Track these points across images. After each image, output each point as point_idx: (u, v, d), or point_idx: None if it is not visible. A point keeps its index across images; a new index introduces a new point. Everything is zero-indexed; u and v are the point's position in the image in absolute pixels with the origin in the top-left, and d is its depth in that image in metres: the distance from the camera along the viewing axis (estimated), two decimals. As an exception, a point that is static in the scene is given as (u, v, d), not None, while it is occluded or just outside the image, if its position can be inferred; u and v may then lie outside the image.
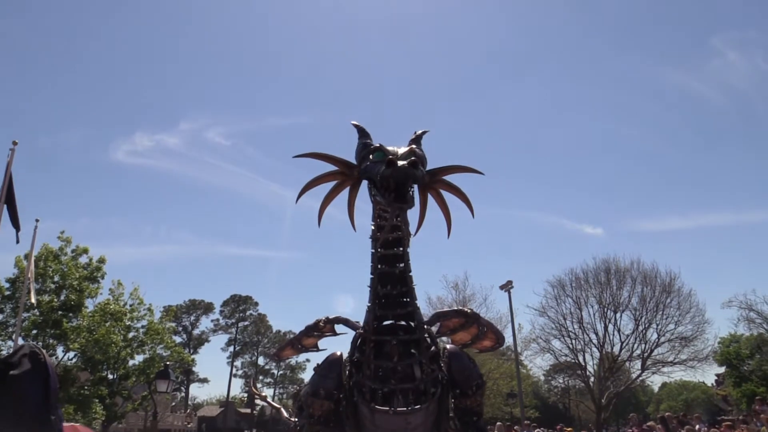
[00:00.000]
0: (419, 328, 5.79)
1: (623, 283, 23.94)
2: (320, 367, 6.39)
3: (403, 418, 5.58)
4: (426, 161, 5.60)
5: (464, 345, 7.13)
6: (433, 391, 5.68)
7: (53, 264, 30.41)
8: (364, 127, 5.84)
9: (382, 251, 5.74)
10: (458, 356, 6.53)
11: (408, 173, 4.57)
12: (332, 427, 6.11)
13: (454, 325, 7.06)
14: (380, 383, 5.67)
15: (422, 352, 5.73)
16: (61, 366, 30.46)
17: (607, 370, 22.98)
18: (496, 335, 7.17)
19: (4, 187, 13.65)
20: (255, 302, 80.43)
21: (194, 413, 68.01)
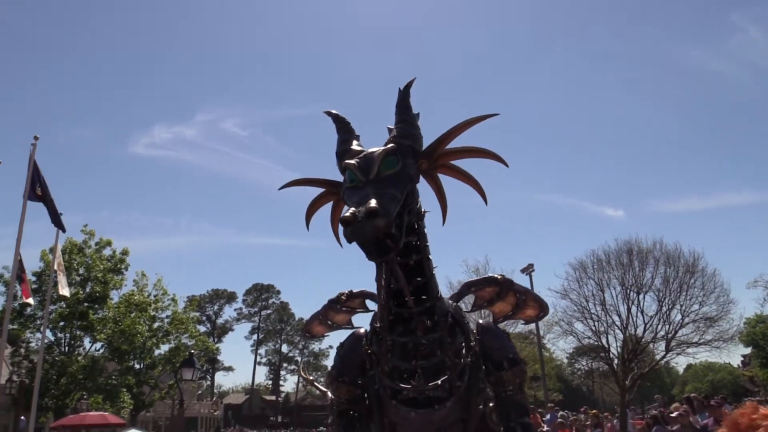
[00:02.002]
0: (440, 325, 5.26)
1: (646, 264, 23.64)
2: (342, 350, 6.18)
3: (428, 415, 5.39)
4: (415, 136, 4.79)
5: (506, 317, 6.68)
6: (459, 384, 5.38)
7: (78, 257, 30.94)
8: (338, 114, 5.21)
9: None
10: (490, 330, 6.22)
11: (367, 234, 3.86)
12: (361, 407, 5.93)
13: (489, 296, 6.56)
14: (399, 384, 5.34)
15: (445, 348, 5.28)
16: (88, 357, 31.07)
17: (631, 352, 22.78)
18: (537, 303, 6.66)
19: (28, 182, 13.85)
20: (277, 290, 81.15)
21: (220, 401, 68.90)
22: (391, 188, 4.16)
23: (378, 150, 4.43)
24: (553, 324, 27.55)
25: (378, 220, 3.82)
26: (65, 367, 29.19)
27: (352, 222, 3.81)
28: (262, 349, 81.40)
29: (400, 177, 4.34)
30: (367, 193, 4.08)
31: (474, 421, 5.85)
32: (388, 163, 4.35)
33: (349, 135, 4.99)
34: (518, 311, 6.57)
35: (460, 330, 5.54)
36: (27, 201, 13.75)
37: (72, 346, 31.46)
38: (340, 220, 3.91)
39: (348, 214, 3.86)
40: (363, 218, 3.82)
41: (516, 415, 5.71)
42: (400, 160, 4.43)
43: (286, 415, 73.26)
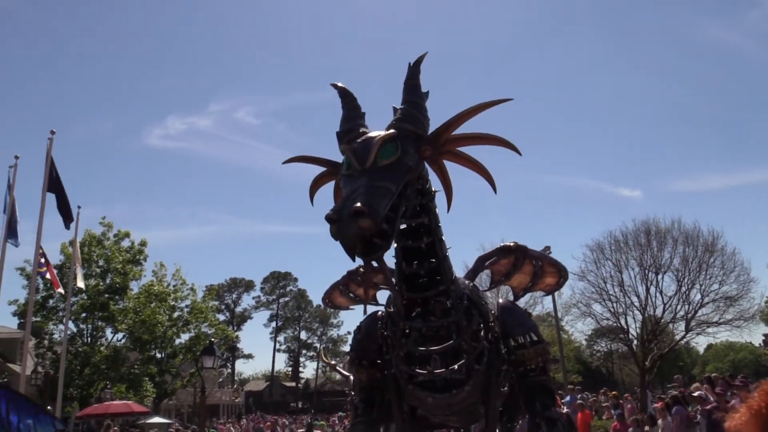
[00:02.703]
0: (456, 308, 5.10)
1: (664, 244, 23.41)
2: (360, 334, 6.10)
3: (447, 399, 5.29)
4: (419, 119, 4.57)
5: (526, 290, 6.59)
6: (477, 368, 5.25)
7: (97, 249, 31.31)
8: (345, 88, 4.96)
9: (403, 220, 4.80)
10: (510, 309, 6.06)
11: (350, 235, 3.69)
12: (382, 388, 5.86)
13: (505, 269, 6.45)
14: (414, 369, 5.25)
15: (461, 332, 5.13)
16: (111, 347, 31.55)
17: (650, 333, 22.65)
18: (555, 267, 6.50)
19: (46, 176, 14.00)
20: (294, 278, 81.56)
21: (241, 388, 69.75)
22: (386, 180, 3.98)
23: (377, 136, 4.24)
24: (571, 306, 27.49)
25: (363, 221, 3.64)
26: (88, 357, 29.66)
27: (337, 220, 3.68)
28: (281, 337, 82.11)
29: (397, 167, 4.13)
30: (360, 185, 3.91)
31: (495, 403, 5.78)
32: (386, 151, 4.15)
33: (353, 113, 4.80)
34: (537, 281, 6.45)
35: (477, 312, 5.37)
36: (46, 195, 13.91)
37: (94, 337, 31.95)
38: (325, 217, 3.76)
39: (332, 212, 3.73)
40: (347, 217, 3.65)
41: (542, 405, 5.54)
42: (399, 147, 4.23)
43: (306, 401, 73.95)
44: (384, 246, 3.93)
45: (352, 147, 4.21)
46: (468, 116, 4.51)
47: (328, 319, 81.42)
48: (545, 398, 5.65)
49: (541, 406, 5.54)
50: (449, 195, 4.78)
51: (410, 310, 5.15)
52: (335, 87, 4.98)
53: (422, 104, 4.66)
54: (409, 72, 4.72)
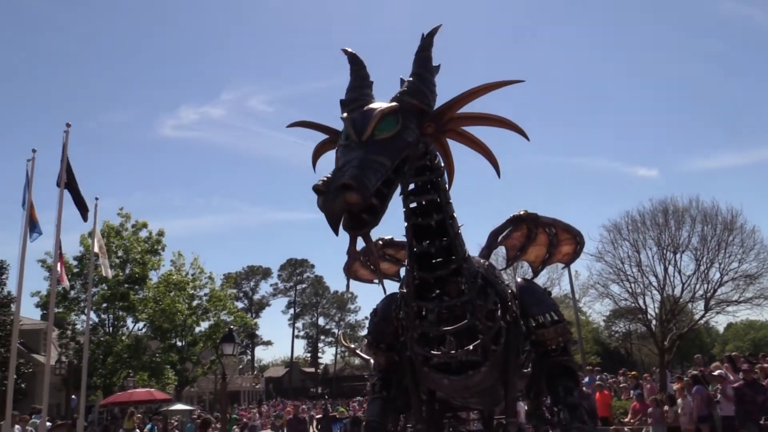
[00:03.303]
0: (469, 287, 4.97)
1: (682, 223, 23.13)
2: (376, 317, 6.07)
3: (464, 381, 5.20)
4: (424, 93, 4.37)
5: (544, 263, 6.49)
6: (494, 348, 5.12)
7: (116, 239, 31.67)
8: (356, 55, 4.79)
9: (412, 198, 4.78)
10: (529, 288, 5.96)
11: (335, 208, 3.57)
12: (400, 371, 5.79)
13: (519, 242, 6.36)
14: (429, 350, 5.15)
15: (475, 311, 5.00)
16: (132, 336, 32.01)
17: (669, 313, 22.47)
18: (570, 232, 6.34)
19: (63, 168, 14.14)
20: (311, 265, 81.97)
21: (261, 374, 70.42)
22: (382, 155, 3.84)
23: (378, 107, 4.09)
24: (589, 287, 27.38)
25: (350, 195, 3.53)
26: (110, 346, 30.13)
27: (324, 192, 3.59)
28: (299, 323, 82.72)
29: (394, 142, 3.99)
30: (354, 158, 3.78)
31: (515, 384, 5.69)
32: (385, 124, 4.01)
33: (360, 82, 4.65)
34: (554, 251, 6.37)
35: (492, 291, 5.24)
36: (63, 188, 14.05)
37: (116, 327, 32.42)
38: (312, 188, 3.66)
39: (320, 183, 3.63)
40: (335, 190, 3.56)
41: (564, 389, 5.47)
42: (400, 121, 4.07)
43: (325, 386, 74.57)
44: (372, 222, 3.81)
45: (352, 117, 4.08)
46: (475, 95, 4.38)
47: (346, 305, 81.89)
48: (567, 380, 5.58)
49: (564, 390, 5.48)
50: (451, 174, 4.65)
51: (423, 290, 5.05)
52: (345, 52, 4.84)
53: (431, 78, 4.52)
54: (422, 43, 4.58)
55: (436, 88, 4.51)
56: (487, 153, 4.55)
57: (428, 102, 4.38)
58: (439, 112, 4.40)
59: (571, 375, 5.74)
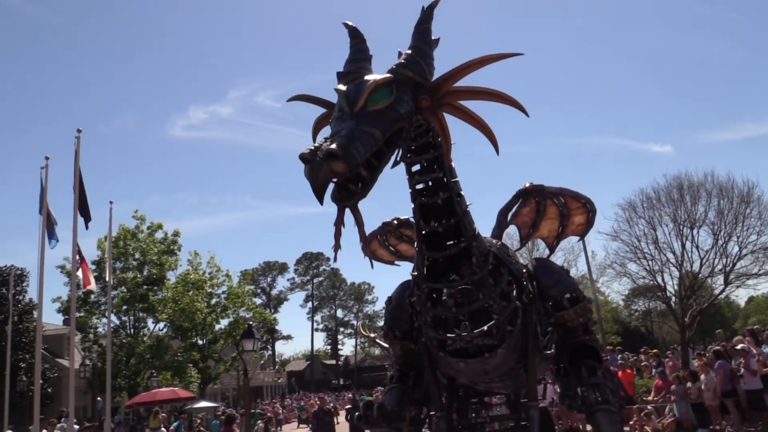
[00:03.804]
0: (479, 265, 4.84)
1: (698, 198, 22.85)
2: (391, 304, 5.97)
3: (480, 364, 5.07)
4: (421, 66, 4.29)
5: (558, 236, 6.33)
6: (510, 329, 5.01)
7: (132, 242, 31.90)
8: (356, 29, 4.71)
9: (417, 178, 4.73)
10: (545, 268, 5.81)
11: (320, 176, 3.54)
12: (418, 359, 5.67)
13: (530, 219, 6.21)
14: (443, 333, 5.03)
15: (488, 291, 4.87)
16: (153, 336, 32.32)
17: (688, 289, 22.27)
18: (579, 200, 6.12)
19: (77, 174, 14.24)
20: (327, 258, 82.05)
21: (283, 369, 71.00)
22: (373, 126, 3.78)
23: (371, 79, 4.03)
24: (606, 267, 27.22)
25: (336, 164, 3.48)
26: (133, 348, 30.44)
27: (310, 161, 3.55)
28: (318, 316, 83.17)
29: (387, 114, 3.93)
30: (344, 128, 3.72)
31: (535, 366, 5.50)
32: (378, 95, 3.95)
33: (359, 55, 4.58)
34: (567, 223, 6.19)
35: (506, 271, 5.11)
36: (78, 193, 14.16)
37: (137, 328, 32.73)
38: (299, 156, 3.60)
39: (307, 151, 3.58)
40: (320, 159, 3.51)
41: (587, 370, 5.34)
42: (393, 93, 4.02)
43: (347, 378, 75.00)
44: (359, 193, 3.76)
45: (345, 88, 4.02)
46: (472, 68, 4.27)
47: (363, 296, 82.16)
48: (590, 360, 5.45)
49: (587, 370, 5.34)
50: (448, 151, 4.51)
51: (434, 273, 4.96)
52: (346, 26, 4.76)
53: (429, 52, 4.44)
54: (421, 16, 4.51)
55: (434, 62, 4.43)
56: (485, 129, 4.42)
57: (425, 75, 4.31)
58: (436, 85, 4.32)
59: (594, 354, 5.62)
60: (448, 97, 4.33)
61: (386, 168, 4.03)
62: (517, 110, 4.34)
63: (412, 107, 4.14)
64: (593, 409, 5.12)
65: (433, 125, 4.40)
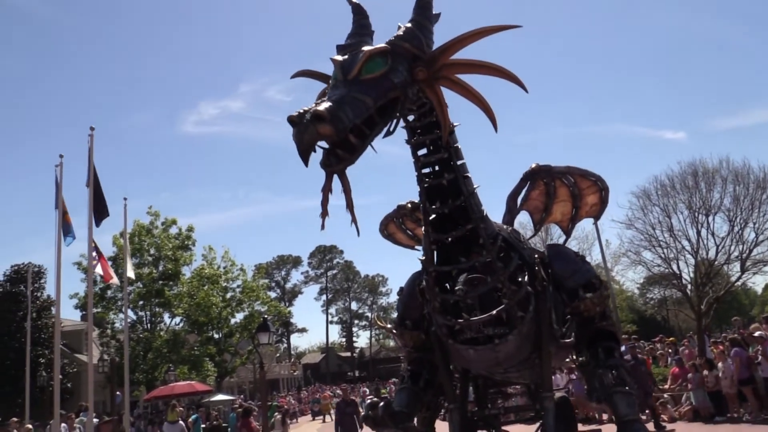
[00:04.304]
0: (487, 247, 4.75)
1: (713, 185, 22.61)
2: (403, 294, 5.90)
3: (490, 351, 4.93)
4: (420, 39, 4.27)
5: (573, 219, 6.12)
6: (521, 315, 4.89)
7: (147, 238, 32.16)
8: (360, 5, 4.70)
9: (422, 160, 4.71)
10: (560, 255, 5.60)
11: (305, 139, 3.56)
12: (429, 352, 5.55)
13: (541, 202, 6.04)
14: (451, 319, 4.92)
15: (496, 273, 4.77)
16: (170, 331, 32.63)
17: (704, 276, 22.08)
18: (589, 178, 5.89)
19: (91, 171, 14.37)
20: (340, 251, 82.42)
21: (298, 361, 71.32)
22: (364, 94, 3.79)
23: (367, 49, 4.04)
24: (621, 255, 27.01)
25: (323, 127, 3.49)
26: (150, 342, 30.75)
27: (297, 123, 3.57)
28: (332, 309, 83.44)
29: (380, 82, 3.94)
30: (334, 94, 3.73)
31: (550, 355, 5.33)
32: (372, 65, 3.96)
33: (361, 30, 4.57)
34: (580, 204, 5.97)
35: (517, 255, 5.03)
36: (92, 190, 14.29)
37: (153, 323, 33.07)
38: (287, 118, 3.62)
39: (295, 113, 3.60)
40: (307, 121, 3.52)
41: (605, 351, 5.27)
42: (388, 63, 4.03)
43: (362, 370, 75.30)
44: (347, 159, 3.76)
45: (341, 59, 4.04)
46: (469, 40, 4.25)
47: (377, 288, 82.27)
48: (608, 342, 5.36)
49: (604, 352, 5.25)
50: (445, 127, 4.45)
51: (441, 257, 4.90)
52: (350, 2, 4.74)
53: (428, 26, 4.43)
54: None
55: (433, 37, 4.42)
56: (483, 105, 4.37)
57: (422, 47, 4.28)
58: (432, 57, 4.29)
59: (613, 337, 5.53)
60: (445, 70, 4.30)
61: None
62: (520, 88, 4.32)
63: (407, 78, 4.13)
64: (610, 390, 5.06)
65: (431, 99, 4.36)
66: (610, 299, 5.97)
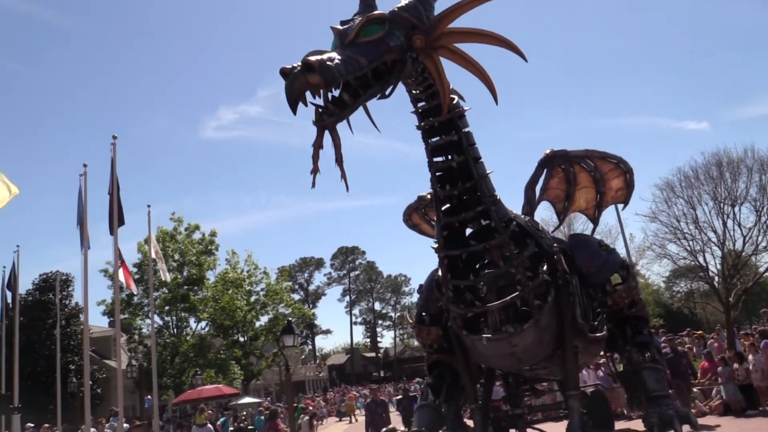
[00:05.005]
0: (499, 230, 4.65)
1: (738, 175, 22.31)
2: (423, 289, 5.82)
3: (505, 343, 4.76)
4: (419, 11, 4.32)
5: (598, 205, 5.90)
6: (538, 303, 4.71)
7: (171, 243, 32.53)
8: None
9: (432, 143, 4.70)
10: (583, 245, 5.43)
11: (294, 88, 3.66)
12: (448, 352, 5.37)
13: (562, 191, 5.86)
14: (463, 306, 4.81)
15: (510, 256, 4.66)
16: (196, 335, 32.96)
17: (732, 268, 21.80)
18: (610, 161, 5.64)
19: (114, 180, 14.58)
20: (362, 251, 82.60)
21: (323, 363, 71.60)
22: (360, 54, 3.89)
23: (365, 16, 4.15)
24: (645, 249, 26.78)
25: (312, 76, 3.59)
26: (176, 347, 31.11)
27: (288, 74, 3.66)
28: (356, 309, 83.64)
29: (375, 45, 4.02)
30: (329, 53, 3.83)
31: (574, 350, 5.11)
32: (369, 29, 4.06)
33: (365, 9, 4.57)
34: (604, 189, 5.72)
35: (533, 243, 4.90)
36: (117, 198, 14.49)
37: (180, 328, 33.43)
38: (279, 70, 3.72)
39: (288, 66, 3.68)
40: (297, 71, 3.62)
41: (632, 329, 5.17)
42: (386, 27, 4.10)
43: (387, 370, 75.31)
44: (338, 114, 3.85)
45: (340, 28, 4.15)
46: (466, 7, 4.27)
47: (400, 288, 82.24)
48: (636, 322, 5.29)
49: (632, 330, 5.17)
50: (445, 97, 4.43)
51: (452, 241, 4.80)
52: None
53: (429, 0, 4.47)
54: None
55: (434, 11, 4.44)
56: (483, 75, 4.37)
57: (420, 18, 4.31)
58: (430, 26, 4.31)
59: (642, 318, 5.44)
60: (443, 39, 4.33)
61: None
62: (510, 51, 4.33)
63: (403, 42, 4.18)
64: (639, 367, 4.98)
65: (429, 69, 4.37)
66: (638, 287, 5.74)
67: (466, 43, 4.36)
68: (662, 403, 4.83)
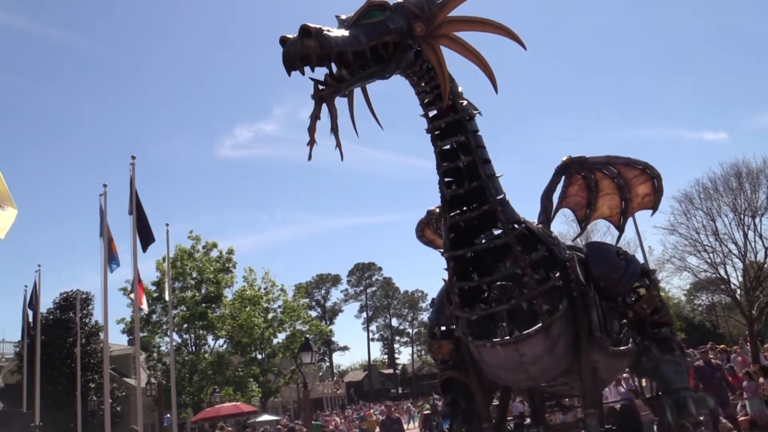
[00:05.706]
0: (506, 230, 4.55)
1: (758, 185, 22.11)
2: (434, 302, 5.63)
3: (512, 351, 4.50)
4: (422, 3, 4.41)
5: (623, 213, 5.61)
6: (548, 308, 4.50)
7: (189, 262, 32.74)
8: None
9: (440, 144, 4.69)
10: (600, 255, 5.20)
11: (291, 52, 3.84)
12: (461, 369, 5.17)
13: (582, 198, 5.64)
14: (468, 311, 4.63)
15: (517, 258, 4.50)
16: (214, 353, 33.05)
17: (754, 280, 21.52)
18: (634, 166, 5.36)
19: (133, 199, 14.77)
20: (378, 267, 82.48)
21: (341, 380, 71.31)
22: (359, 32, 4.07)
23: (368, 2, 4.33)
24: (665, 262, 26.51)
25: (308, 41, 3.77)
26: (195, 365, 31.20)
27: (286, 41, 3.85)
28: (373, 326, 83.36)
29: (375, 26, 4.17)
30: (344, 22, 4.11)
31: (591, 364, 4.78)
32: (370, 14, 4.22)
33: None
34: (630, 196, 5.47)
35: (543, 248, 4.73)
36: (136, 217, 14.67)
37: (198, 345, 33.54)
38: (279, 39, 3.90)
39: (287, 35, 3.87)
40: (295, 37, 3.80)
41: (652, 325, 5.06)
42: (387, 12, 4.25)
43: (405, 386, 74.87)
44: (334, 86, 4.02)
45: (344, 17, 4.31)
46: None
47: (417, 304, 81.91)
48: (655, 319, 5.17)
49: (651, 326, 5.05)
50: (445, 88, 4.43)
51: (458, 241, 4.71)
52: None
53: None
54: None
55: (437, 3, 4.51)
56: (483, 64, 4.41)
57: (422, 7, 4.41)
58: (431, 14, 4.39)
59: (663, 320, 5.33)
60: (444, 28, 4.39)
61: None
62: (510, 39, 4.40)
63: (403, 26, 4.28)
64: (658, 361, 4.86)
65: (430, 58, 4.42)
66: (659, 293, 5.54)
67: (466, 31, 4.43)
68: (681, 395, 4.69)
